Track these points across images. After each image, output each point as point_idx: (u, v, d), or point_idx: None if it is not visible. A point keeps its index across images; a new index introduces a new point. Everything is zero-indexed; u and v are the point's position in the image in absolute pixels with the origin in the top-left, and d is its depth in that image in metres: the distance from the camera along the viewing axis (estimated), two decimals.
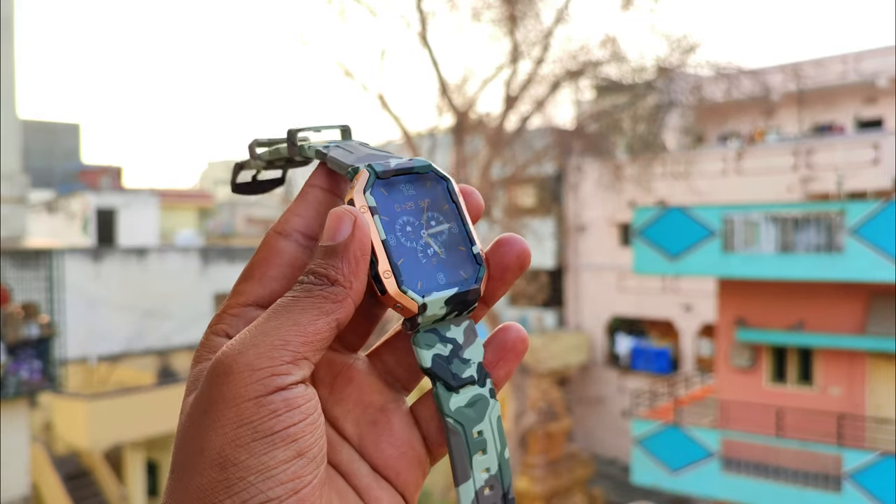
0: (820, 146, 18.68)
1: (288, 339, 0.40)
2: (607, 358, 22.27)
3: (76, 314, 16.50)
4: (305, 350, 0.40)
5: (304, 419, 0.39)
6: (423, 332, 0.46)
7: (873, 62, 20.31)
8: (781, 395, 13.17)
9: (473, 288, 0.47)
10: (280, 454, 0.38)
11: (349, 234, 0.43)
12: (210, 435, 0.39)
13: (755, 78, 16.39)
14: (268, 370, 0.39)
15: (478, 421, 0.46)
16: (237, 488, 0.38)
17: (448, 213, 0.48)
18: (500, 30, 15.38)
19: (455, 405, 0.46)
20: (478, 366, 0.47)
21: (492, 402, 0.47)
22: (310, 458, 0.39)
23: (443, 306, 0.46)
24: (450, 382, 0.46)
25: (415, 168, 0.48)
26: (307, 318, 0.41)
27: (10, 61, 13.08)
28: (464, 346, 0.47)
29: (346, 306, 0.42)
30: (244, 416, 0.38)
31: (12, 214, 13.13)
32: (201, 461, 0.39)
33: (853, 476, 11.34)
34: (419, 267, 0.46)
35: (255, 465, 0.38)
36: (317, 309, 0.41)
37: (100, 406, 14.38)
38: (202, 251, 21.57)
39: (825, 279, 11.85)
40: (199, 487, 0.39)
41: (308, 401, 0.40)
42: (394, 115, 15.42)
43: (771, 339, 13.24)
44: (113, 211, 22.81)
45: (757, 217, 12.27)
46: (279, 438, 0.38)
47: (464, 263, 0.47)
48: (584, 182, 22.14)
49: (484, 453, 0.47)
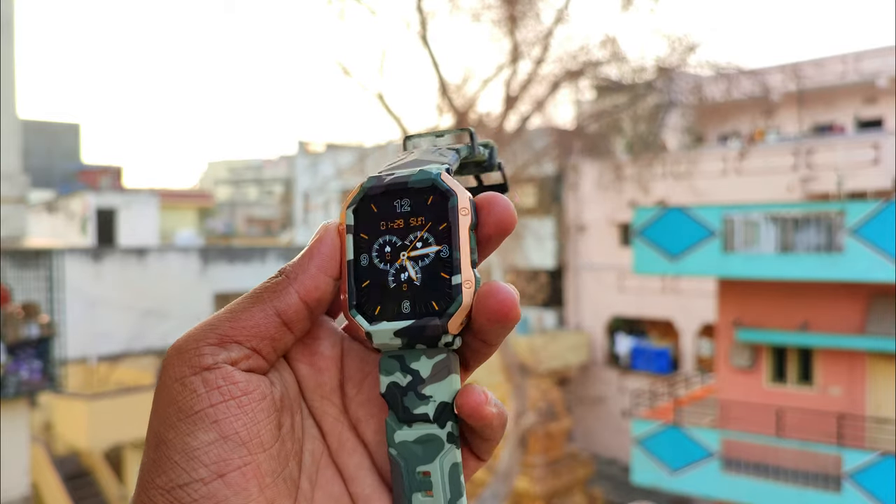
0: (820, 146, 18.68)
1: (216, 324, 0.41)
2: (607, 358, 22.27)
3: (76, 314, 16.49)
4: (235, 334, 0.41)
5: (224, 400, 0.39)
6: (387, 356, 0.44)
7: (873, 62, 20.31)
8: (781, 395, 13.17)
9: (433, 324, 0.42)
10: (202, 435, 0.39)
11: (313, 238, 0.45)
12: (152, 417, 0.41)
13: (755, 78, 16.38)
14: (193, 352, 0.40)
15: (425, 461, 0.43)
16: (166, 467, 0.39)
17: (443, 234, 0.44)
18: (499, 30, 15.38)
19: (401, 438, 0.43)
20: (438, 406, 0.43)
21: (447, 447, 0.43)
22: (236, 441, 0.39)
23: (393, 337, 0.43)
24: (398, 414, 0.44)
25: (410, 183, 0.44)
26: (243, 306, 0.42)
27: (10, 61, 13.07)
28: (427, 381, 0.43)
29: (286, 295, 0.42)
30: (171, 395, 0.40)
31: (12, 214, 13.13)
32: (147, 444, 0.41)
33: (853, 476, 11.34)
34: (384, 291, 0.44)
35: (181, 444, 0.39)
36: (255, 298, 0.42)
37: (100, 406, 14.38)
38: (202, 251, 21.57)
39: (825, 279, 11.85)
40: (142, 467, 0.40)
41: (233, 382, 0.40)
42: (394, 115, 15.42)
43: (771, 339, 13.24)
44: (113, 211, 22.81)
45: (757, 217, 12.27)
46: (198, 419, 0.39)
47: (440, 293, 0.43)
48: (584, 182, 22.14)
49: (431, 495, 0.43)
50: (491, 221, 0.44)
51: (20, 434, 12.20)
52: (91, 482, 15.45)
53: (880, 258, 11.05)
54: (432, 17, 15.28)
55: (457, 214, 0.44)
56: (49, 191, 25.85)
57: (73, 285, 16.30)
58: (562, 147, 18.66)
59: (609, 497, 18.11)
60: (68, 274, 15.37)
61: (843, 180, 15.74)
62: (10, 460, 11.85)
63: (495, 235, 0.44)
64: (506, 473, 13.70)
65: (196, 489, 0.38)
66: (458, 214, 0.44)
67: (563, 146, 18.63)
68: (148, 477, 0.39)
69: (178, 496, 0.38)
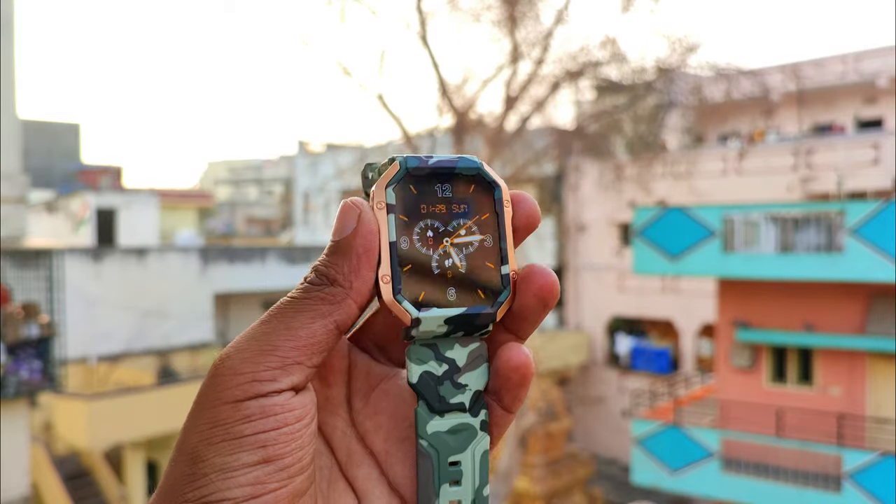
0: (820, 146, 18.67)
1: (277, 343, 0.39)
2: (607, 358, 22.26)
3: (76, 314, 16.49)
4: (296, 355, 0.39)
5: (278, 427, 0.38)
6: (418, 345, 0.42)
7: (873, 62, 20.30)
8: (781, 395, 13.17)
9: (486, 312, 0.42)
10: (245, 457, 0.38)
11: (353, 229, 0.41)
12: (189, 431, 0.39)
13: (755, 78, 16.39)
14: (250, 375, 0.38)
15: (457, 451, 0.42)
16: (199, 483, 0.38)
17: (486, 223, 0.44)
18: (500, 30, 15.38)
19: (433, 429, 0.42)
20: (474, 394, 0.43)
21: (480, 435, 0.43)
22: (279, 466, 0.38)
23: (442, 325, 0.42)
24: (433, 404, 0.42)
25: (458, 168, 0.44)
26: (301, 322, 0.40)
27: (10, 61, 13.07)
28: (463, 370, 0.43)
29: (345, 307, 0.40)
30: (220, 417, 0.38)
31: (12, 214, 13.13)
32: (178, 455, 0.39)
33: (853, 476, 11.34)
34: (428, 277, 0.42)
35: (219, 463, 0.38)
36: (312, 311, 0.40)
37: (100, 406, 14.38)
38: (202, 251, 21.57)
39: (825, 279, 11.85)
40: (172, 479, 0.39)
41: (290, 410, 0.39)
42: (394, 116, 15.42)
43: (771, 339, 13.24)
44: (113, 211, 22.81)
45: (757, 217, 12.27)
46: (247, 443, 0.38)
47: (486, 283, 0.43)
48: (584, 182, 22.14)
49: (457, 485, 0.42)
50: (520, 217, 0.44)
51: (20, 434, 12.20)
52: (91, 482, 15.44)
53: (880, 258, 11.05)
54: (432, 18, 15.29)
55: (502, 206, 0.44)
56: (49, 191, 25.85)
57: (73, 285, 16.31)
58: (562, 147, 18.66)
59: (609, 497, 18.10)
60: (68, 274, 15.38)
61: (843, 180, 15.74)
62: (10, 460, 11.85)
63: (522, 231, 0.44)
64: (506, 473, 13.70)
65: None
66: (503, 206, 0.44)
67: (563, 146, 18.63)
68: (180, 490, 0.38)
69: None
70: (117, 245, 21.80)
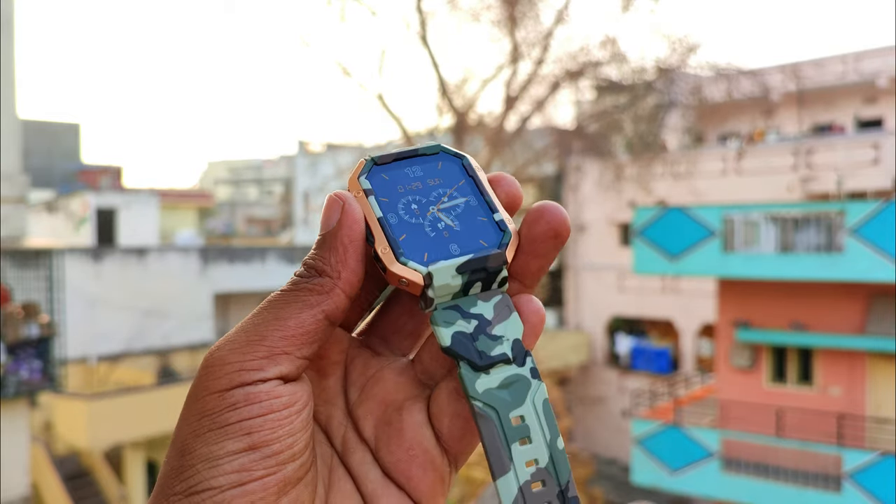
0: (820, 146, 18.67)
1: (266, 334, 0.39)
2: (607, 358, 22.26)
3: (76, 314, 16.49)
4: (285, 345, 0.39)
5: (263, 413, 0.38)
6: (441, 308, 0.41)
7: (873, 62, 20.30)
8: (781, 395, 13.17)
9: (494, 253, 0.42)
10: (230, 445, 0.38)
11: (337, 220, 0.42)
12: (180, 425, 0.39)
13: (755, 78, 16.40)
14: (237, 365, 0.39)
15: (515, 405, 0.40)
16: (186, 475, 0.38)
17: (464, 188, 0.45)
18: (499, 30, 15.38)
19: (484, 387, 0.40)
20: (514, 343, 0.41)
21: (535, 384, 0.41)
22: (266, 453, 0.38)
23: (455, 275, 0.41)
24: (475, 361, 0.40)
25: (420, 151, 0.45)
26: (289, 312, 0.40)
27: (10, 61, 13.07)
28: (493, 322, 0.41)
29: (334, 297, 0.40)
30: (206, 408, 0.38)
31: (12, 214, 13.13)
32: (171, 450, 0.39)
33: (853, 476, 11.34)
34: (426, 240, 0.42)
35: (205, 453, 0.38)
36: (300, 302, 0.40)
37: (100, 406, 14.38)
38: (202, 251, 21.56)
39: (825, 279, 11.84)
40: (164, 473, 0.39)
41: (276, 397, 0.38)
42: (394, 116, 15.43)
43: (771, 339, 13.24)
44: (113, 211, 22.80)
45: (757, 217, 12.26)
46: (232, 430, 0.38)
47: (484, 232, 0.43)
48: (584, 182, 22.14)
49: (528, 442, 0.40)
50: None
51: (20, 434, 12.20)
52: (91, 482, 15.44)
53: (880, 258, 11.04)
54: (432, 18, 15.31)
55: (474, 170, 0.45)
56: (49, 191, 25.84)
57: (73, 285, 16.30)
58: (562, 147, 18.67)
59: (609, 497, 18.10)
60: (68, 274, 15.38)
61: (843, 180, 15.74)
62: (10, 460, 11.85)
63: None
64: None
65: (211, 496, 0.37)
66: (475, 170, 0.45)
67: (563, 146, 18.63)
68: (169, 484, 0.38)
69: (191, 501, 0.37)
70: (117, 245, 21.79)
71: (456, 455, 0.44)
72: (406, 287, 0.42)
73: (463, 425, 0.43)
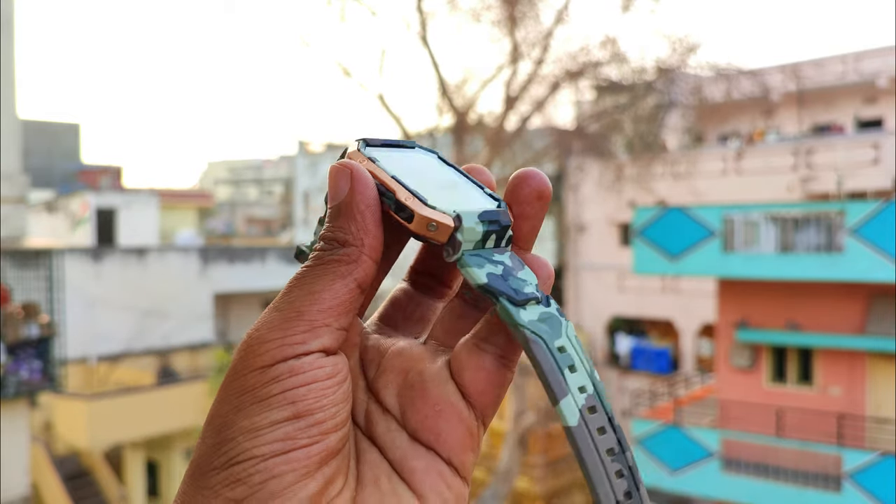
0: (820, 146, 18.67)
1: (302, 309, 0.39)
2: (607, 358, 22.26)
3: (76, 314, 16.50)
4: (324, 318, 0.39)
5: (308, 383, 0.38)
6: (468, 255, 0.41)
7: (873, 62, 20.30)
8: (781, 395, 13.17)
9: (504, 210, 0.43)
10: (273, 414, 0.37)
11: (348, 188, 0.41)
12: (217, 405, 0.39)
13: (755, 78, 16.39)
14: (278, 342, 0.38)
15: (556, 336, 0.40)
16: (226, 448, 0.37)
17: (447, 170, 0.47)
18: (499, 30, 15.38)
19: (525, 318, 0.40)
20: (536, 287, 0.42)
21: (565, 321, 0.41)
22: (310, 422, 0.37)
23: (478, 222, 0.42)
24: (513, 297, 0.40)
25: (400, 142, 0.48)
26: (321, 285, 0.40)
27: (10, 61, 13.08)
28: (514, 270, 0.42)
29: (362, 264, 0.40)
30: (248, 384, 0.38)
31: (12, 214, 13.14)
32: (206, 429, 0.39)
33: (853, 476, 11.34)
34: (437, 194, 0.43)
35: (247, 425, 0.37)
36: (332, 273, 0.40)
37: (100, 406, 14.39)
38: (202, 251, 21.58)
39: (825, 279, 11.85)
40: (200, 453, 0.38)
41: (320, 367, 0.38)
42: (394, 115, 15.43)
43: (771, 339, 13.24)
44: (113, 211, 22.81)
45: (757, 217, 12.27)
46: (275, 401, 0.37)
47: (482, 197, 0.44)
48: (584, 182, 22.14)
49: (574, 371, 0.40)
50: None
51: (20, 434, 12.21)
52: (91, 482, 15.45)
53: (880, 258, 11.05)
54: (432, 18, 15.29)
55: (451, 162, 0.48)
56: (49, 191, 25.84)
57: (73, 285, 16.31)
58: (562, 147, 18.66)
59: None
60: (68, 274, 15.38)
61: (843, 180, 15.74)
62: (10, 460, 11.85)
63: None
64: (506, 473, 13.70)
65: (253, 464, 0.37)
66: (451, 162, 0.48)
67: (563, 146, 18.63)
68: (206, 461, 0.38)
69: (233, 472, 0.37)
70: (117, 245, 21.80)
71: (483, 409, 0.43)
72: (433, 233, 0.42)
73: (485, 377, 0.43)
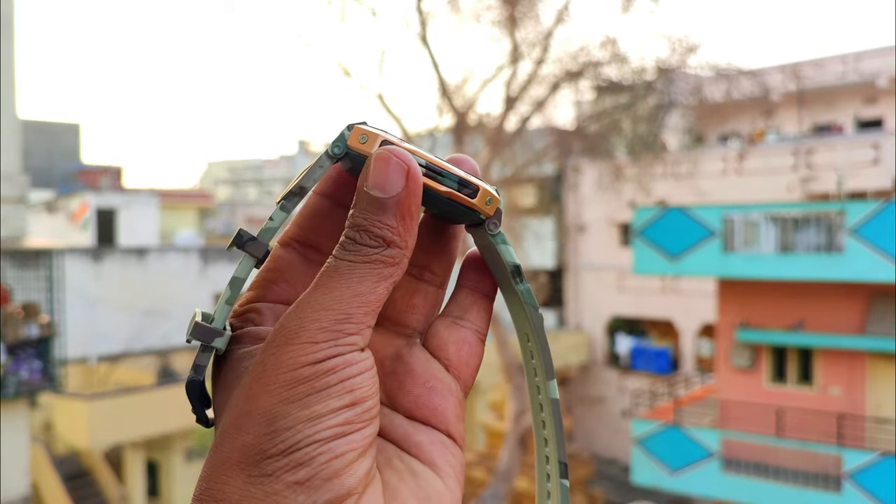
0: (820, 146, 18.68)
1: (350, 311, 0.39)
2: (607, 358, 22.26)
3: (76, 314, 16.50)
4: (368, 320, 0.40)
5: (361, 372, 0.39)
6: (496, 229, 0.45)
7: (873, 62, 20.31)
8: (781, 395, 13.17)
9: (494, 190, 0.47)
10: (333, 402, 0.38)
11: (402, 186, 0.40)
12: (261, 397, 0.38)
13: (755, 78, 16.39)
14: (330, 343, 0.39)
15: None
16: (284, 436, 0.37)
17: None
18: (499, 30, 15.38)
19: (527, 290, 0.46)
20: None
21: None
22: (365, 408, 0.39)
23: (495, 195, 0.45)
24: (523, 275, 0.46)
25: None
26: (367, 287, 0.40)
27: (10, 61, 13.07)
28: None
29: (402, 267, 0.41)
30: (301, 377, 0.38)
31: (12, 214, 13.13)
32: (248, 422, 0.38)
33: (853, 476, 11.34)
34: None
35: (307, 414, 0.37)
36: (376, 275, 0.40)
37: (100, 406, 14.38)
38: (202, 251, 21.57)
39: (825, 279, 11.85)
40: (243, 445, 0.38)
41: (367, 359, 0.40)
42: (394, 116, 15.43)
43: (771, 340, 13.24)
44: (113, 211, 22.81)
45: (757, 217, 12.27)
46: (335, 390, 0.38)
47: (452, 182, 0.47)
48: (583, 182, 22.14)
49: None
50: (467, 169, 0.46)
51: (20, 434, 12.21)
52: (91, 482, 15.45)
53: (880, 258, 11.05)
54: (432, 18, 15.30)
55: None
56: (49, 191, 25.83)
57: (73, 285, 16.31)
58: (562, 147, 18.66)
59: (609, 497, 18.10)
60: (68, 274, 15.38)
61: (843, 180, 15.75)
62: (10, 460, 11.85)
63: None
64: (506, 473, 13.70)
65: (316, 447, 0.37)
66: None
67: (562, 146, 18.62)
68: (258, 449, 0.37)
69: (295, 457, 0.37)
70: (117, 245, 21.79)
71: (465, 380, 0.46)
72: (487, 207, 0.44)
73: (468, 350, 0.46)
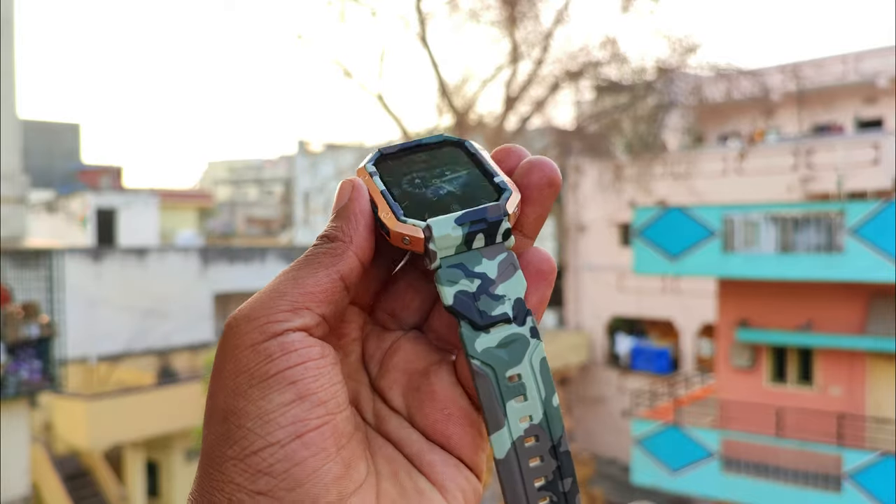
0: (820, 146, 18.68)
1: (285, 291, 0.40)
2: (607, 358, 22.26)
3: (76, 314, 16.49)
4: (304, 300, 0.40)
5: (302, 362, 0.38)
6: (446, 267, 0.42)
7: (873, 62, 20.31)
8: (781, 395, 13.17)
9: (493, 205, 0.42)
10: (277, 397, 0.37)
11: (349, 198, 0.44)
12: (215, 390, 0.39)
13: (755, 78, 16.40)
14: (263, 318, 0.39)
15: (512, 364, 0.41)
16: (237, 436, 0.37)
17: (467, 163, 0.46)
18: (499, 31, 15.38)
19: (482, 346, 0.41)
20: (515, 302, 0.42)
21: (533, 343, 0.42)
22: (314, 402, 0.38)
23: (455, 226, 0.42)
24: (476, 321, 0.41)
25: (424, 141, 0.48)
26: (306, 273, 0.41)
27: (10, 61, 13.08)
28: (497, 281, 0.42)
29: (346, 258, 0.42)
30: (241, 364, 0.38)
31: (12, 214, 13.13)
32: (210, 419, 0.39)
33: (853, 476, 11.35)
34: (427, 203, 0.44)
35: (253, 410, 0.37)
36: (316, 264, 0.42)
37: (100, 406, 14.38)
38: (202, 251, 21.57)
39: (825, 279, 11.85)
40: (209, 443, 0.38)
41: (309, 346, 0.39)
42: (394, 116, 15.44)
43: (771, 340, 13.24)
44: (113, 211, 22.81)
45: (757, 217, 12.27)
46: (275, 382, 0.38)
47: (485, 193, 0.44)
48: (584, 182, 22.14)
49: (524, 399, 0.41)
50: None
51: (20, 434, 12.21)
52: (91, 482, 15.45)
53: (880, 258, 11.05)
54: (432, 18, 15.31)
55: (476, 149, 0.47)
56: (49, 191, 25.84)
57: (73, 285, 16.31)
58: (562, 147, 18.66)
59: (609, 497, 18.10)
60: (68, 274, 15.37)
61: (843, 180, 15.75)
62: (10, 460, 11.85)
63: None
64: None
65: (272, 453, 0.37)
66: (477, 149, 0.47)
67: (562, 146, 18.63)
68: (218, 451, 0.38)
69: (252, 463, 0.37)
70: (117, 245, 21.79)
71: None
72: (409, 246, 0.42)
73: None
